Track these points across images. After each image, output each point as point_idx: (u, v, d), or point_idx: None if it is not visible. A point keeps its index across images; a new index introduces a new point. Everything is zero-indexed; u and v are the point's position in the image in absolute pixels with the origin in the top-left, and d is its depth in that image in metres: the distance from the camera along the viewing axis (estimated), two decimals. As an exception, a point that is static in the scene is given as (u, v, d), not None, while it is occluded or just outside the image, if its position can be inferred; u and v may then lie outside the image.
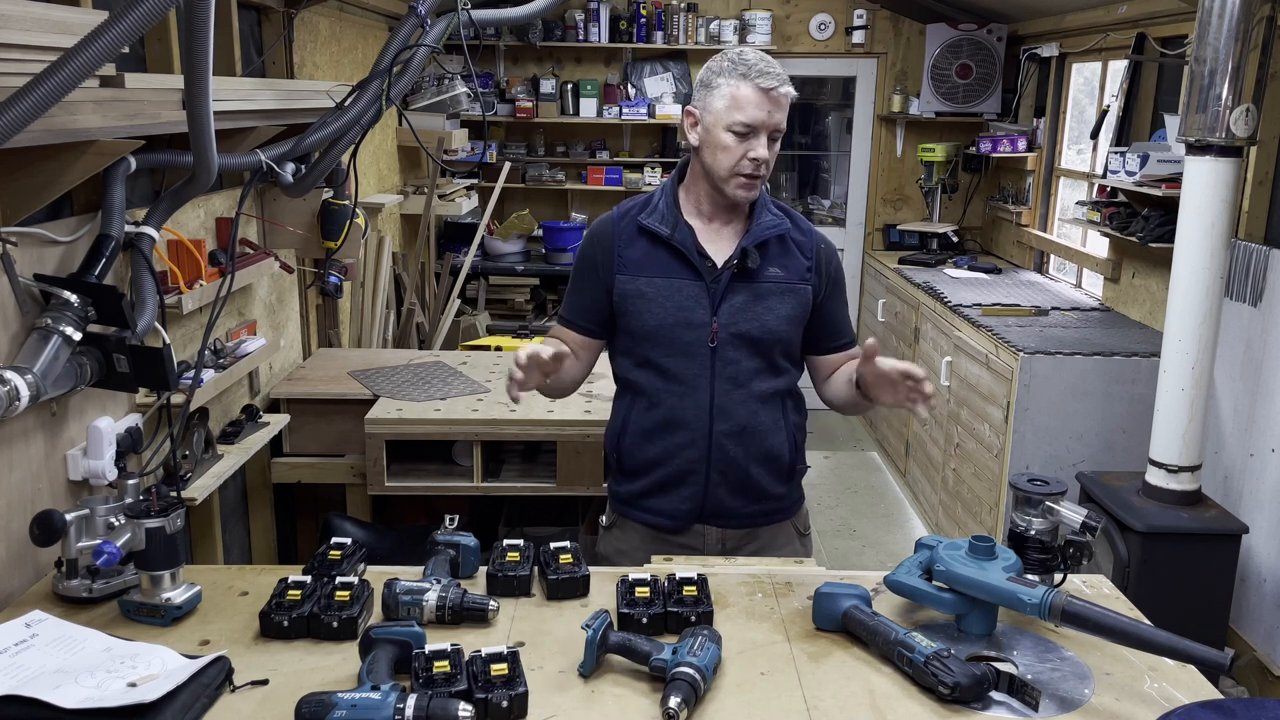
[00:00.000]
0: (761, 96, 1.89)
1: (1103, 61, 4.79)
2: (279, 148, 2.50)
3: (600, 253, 2.04)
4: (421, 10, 2.59)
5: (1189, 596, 3.03)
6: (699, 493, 2.03)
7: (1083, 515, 1.71)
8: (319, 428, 3.15)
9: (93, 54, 1.43)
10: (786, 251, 2.03)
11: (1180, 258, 3.03)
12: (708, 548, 2.07)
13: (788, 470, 2.09)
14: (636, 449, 2.06)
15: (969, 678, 1.45)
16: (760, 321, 1.99)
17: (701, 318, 1.98)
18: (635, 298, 2.00)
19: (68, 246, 1.95)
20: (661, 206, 2.02)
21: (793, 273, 2.02)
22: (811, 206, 6.59)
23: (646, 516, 2.09)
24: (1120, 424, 3.74)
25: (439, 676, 1.42)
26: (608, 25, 5.83)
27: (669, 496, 2.05)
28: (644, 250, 2.01)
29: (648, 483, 2.06)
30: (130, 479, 1.85)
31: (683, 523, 2.07)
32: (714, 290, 1.98)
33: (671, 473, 2.04)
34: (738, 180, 1.93)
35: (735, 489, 2.04)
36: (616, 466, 2.13)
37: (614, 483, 2.16)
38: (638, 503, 2.09)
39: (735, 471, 2.02)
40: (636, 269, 2.00)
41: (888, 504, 5.09)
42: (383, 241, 4.28)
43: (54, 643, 1.54)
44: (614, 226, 2.05)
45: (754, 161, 1.91)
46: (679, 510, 2.05)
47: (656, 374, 2.00)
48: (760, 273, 1.99)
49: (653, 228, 2.00)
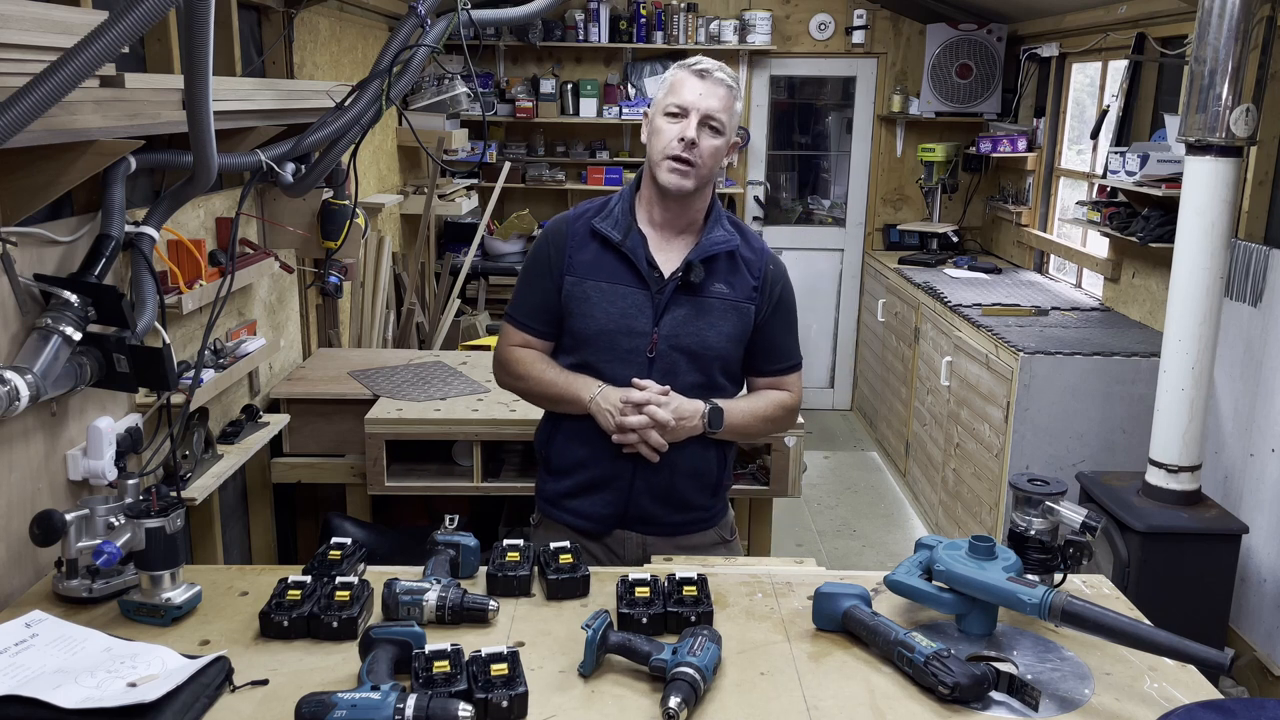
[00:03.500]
0: (694, 79, 1.93)
1: (1103, 61, 4.79)
2: (279, 148, 2.50)
3: (554, 251, 2.04)
4: (421, 10, 2.59)
5: (1189, 596, 3.03)
6: (622, 498, 2.05)
7: (1083, 515, 1.71)
8: (319, 428, 3.15)
9: (93, 54, 1.43)
10: (735, 269, 2.03)
11: (1180, 258, 3.03)
12: (628, 553, 2.09)
13: (714, 485, 2.11)
14: (565, 449, 2.07)
15: (969, 678, 1.45)
16: (701, 337, 2.00)
17: (643, 326, 1.98)
18: (580, 300, 2.00)
19: (68, 246, 1.95)
20: (617, 212, 2.02)
21: (738, 290, 2.02)
22: (811, 206, 6.59)
23: (568, 518, 2.10)
24: (1120, 424, 3.74)
25: (439, 676, 1.42)
26: (608, 25, 5.83)
27: (592, 499, 2.07)
28: (594, 254, 2.01)
29: (572, 484, 2.08)
30: (130, 479, 1.85)
31: (604, 526, 2.08)
32: (658, 300, 1.98)
33: (596, 475, 2.05)
34: (668, 164, 1.93)
35: (658, 497, 2.05)
36: (545, 464, 2.15)
37: (542, 481, 2.17)
38: (561, 503, 2.11)
39: (659, 481, 2.04)
40: (585, 272, 2.01)
41: (888, 504, 5.09)
42: (383, 241, 4.28)
43: (54, 643, 1.54)
44: (569, 227, 2.05)
45: (682, 142, 1.91)
46: (600, 513, 2.07)
47: (593, 377, 2.01)
48: (705, 288, 1.99)
49: (605, 232, 2.00)
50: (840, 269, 6.44)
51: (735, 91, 1.97)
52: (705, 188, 2.00)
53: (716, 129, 1.93)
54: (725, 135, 1.95)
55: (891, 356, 5.47)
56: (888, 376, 5.55)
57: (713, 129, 1.93)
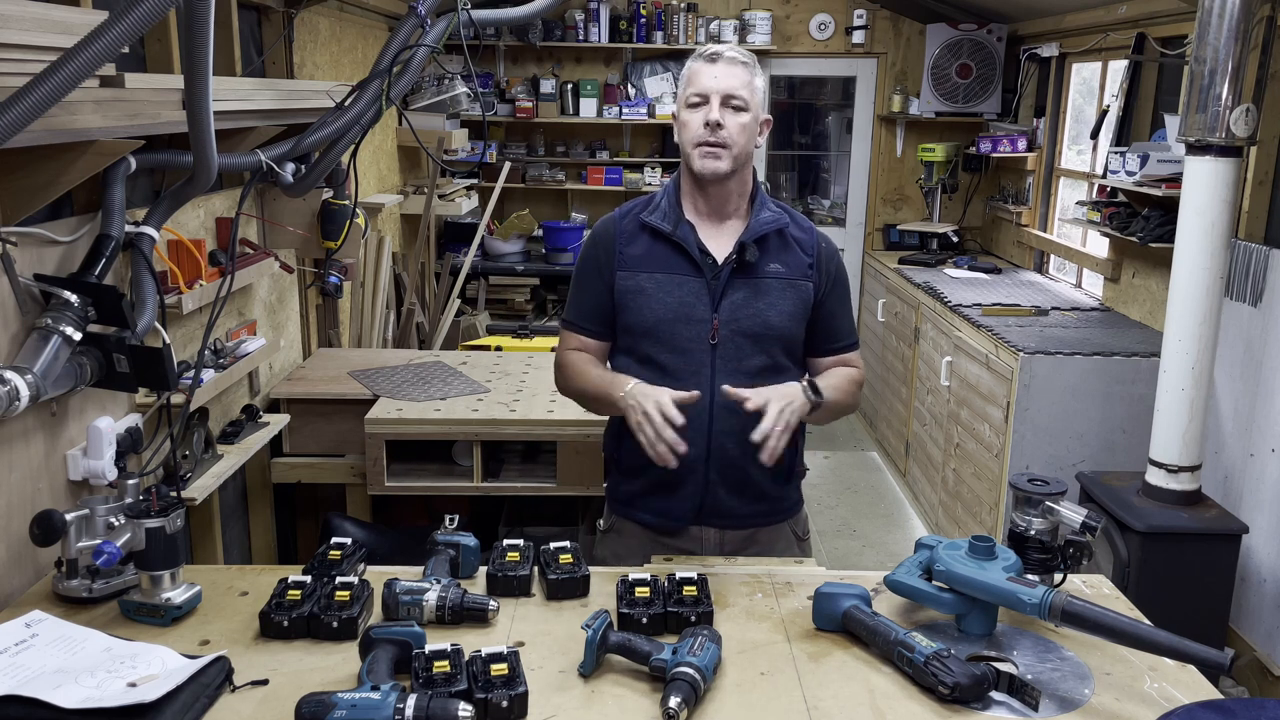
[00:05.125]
0: (707, 66, 1.94)
1: (1103, 61, 4.79)
2: (279, 148, 2.50)
3: (603, 252, 2.04)
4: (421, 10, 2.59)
5: (1189, 596, 3.03)
6: (698, 492, 2.02)
7: (1083, 515, 1.71)
8: (319, 428, 3.14)
9: (93, 54, 1.43)
10: (787, 247, 2.02)
11: (1180, 258, 3.03)
12: (705, 550, 2.07)
13: (787, 471, 2.08)
14: (636, 448, 2.03)
15: (969, 678, 1.45)
16: (762, 318, 1.98)
17: (702, 314, 1.97)
18: (635, 293, 1.99)
19: (68, 246, 1.95)
20: (664, 205, 2.02)
21: (794, 268, 2.01)
22: (811, 206, 6.59)
23: (645, 516, 2.08)
24: (1120, 424, 3.74)
25: (439, 676, 1.42)
26: (608, 25, 5.83)
27: (668, 496, 2.04)
28: (645, 246, 2.01)
29: (646, 482, 2.05)
30: (130, 479, 1.85)
31: (681, 523, 2.06)
32: (714, 286, 1.97)
33: (671, 473, 2.01)
34: (700, 150, 1.93)
35: (734, 489, 2.03)
36: (615, 466, 2.12)
37: (613, 483, 2.15)
38: (637, 502, 2.09)
39: (734, 471, 2.01)
40: (636, 265, 2.00)
41: (888, 504, 5.09)
42: (383, 241, 4.28)
43: (54, 643, 1.54)
44: (616, 225, 2.05)
45: (709, 126, 1.91)
46: (678, 510, 2.05)
47: (656, 371, 1.98)
48: (760, 268, 1.98)
49: (655, 224, 2.00)
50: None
51: (752, 68, 1.96)
52: (743, 170, 1.99)
53: (740, 106, 1.92)
54: (751, 111, 1.94)
55: (891, 356, 5.47)
56: (888, 376, 5.55)
57: (735, 107, 1.92)
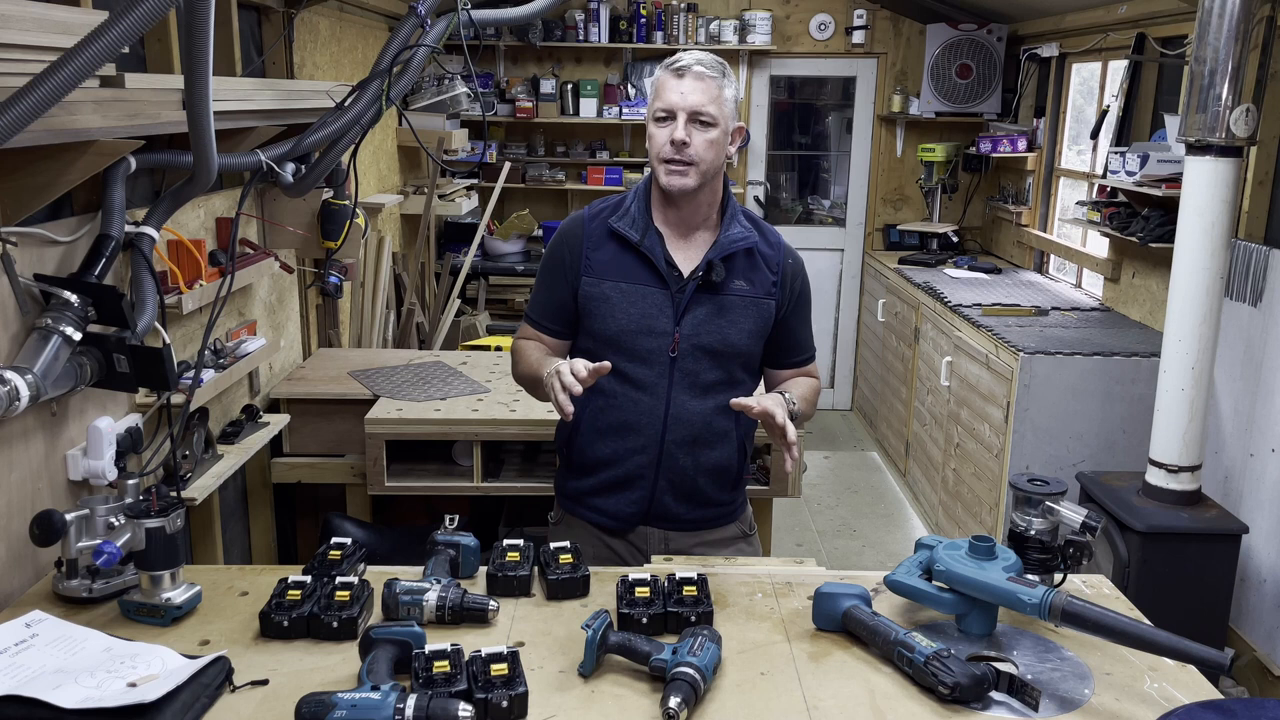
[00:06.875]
0: (673, 79, 1.90)
1: (1103, 61, 4.79)
2: (279, 148, 2.50)
3: (569, 253, 2.04)
4: (421, 10, 2.59)
5: (1189, 596, 3.03)
6: (645, 496, 2.06)
7: (1083, 515, 1.71)
8: (319, 428, 3.14)
9: (93, 54, 1.43)
10: (753, 265, 2.02)
11: (1180, 258, 3.03)
12: (651, 548, 2.10)
13: (734, 479, 2.12)
14: (588, 447, 2.07)
15: (969, 678, 1.45)
16: (722, 335, 1.99)
17: (664, 326, 1.98)
18: (600, 301, 2.00)
19: (68, 246, 1.95)
20: (634, 211, 2.01)
21: (758, 287, 2.02)
22: (811, 206, 6.59)
23: (592, 515, 2.11)
24: (1120, 424, 3.74)
25: (439, 676, 1.42)
26: (608, 25, 5.83)
27: (616, 497, 2.07)
28: (612, 254, 2.00)
29: (596, 482, 2.08)
30: (130, 479, 1.85)
31: (627, 524, 2.09)
32: (678, 300, 1.98)
33: (620, 474, 2.05)
34: (664, 167, 1.92)
35: (682, 496, 2.07)
36: (566, 462, 2.15)
37: (562, 478, 2.17)
38: (585, 500, 2.11)
39: (683, 480, 2.05)
40: (603, 272, 2.00)
41: (888, 504, 5.09)
42: (383, 241, 4.28)
43: (54, 643, 1.54)
44: (584, 227, 2.04)
45: (674, 144, 1.89)
46: (624, 511, 2.08)
47: (615, 378, 1.98)
48: (725, 285, 1.99)
49: (623, 232, 1.99)
50: (840, 269, 6.44)
51: (720, 79, 1.91)
52: (712, 183, 1.98)
53: (707, 122, 1.90)
54: (719, 125, 1.91)
55: (891, 356, 5.47)
56: (888, 376, 5.55)
57: (702, 123, 1.90)
